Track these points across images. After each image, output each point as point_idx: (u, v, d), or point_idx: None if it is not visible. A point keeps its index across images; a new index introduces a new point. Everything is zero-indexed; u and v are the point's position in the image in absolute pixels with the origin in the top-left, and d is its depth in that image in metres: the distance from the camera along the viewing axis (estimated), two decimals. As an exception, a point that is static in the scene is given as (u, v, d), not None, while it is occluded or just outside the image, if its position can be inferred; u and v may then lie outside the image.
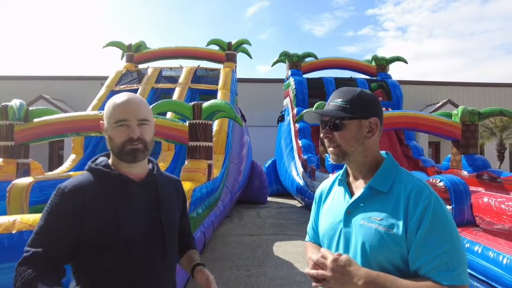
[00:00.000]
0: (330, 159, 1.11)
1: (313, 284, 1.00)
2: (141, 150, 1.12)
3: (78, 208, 1.05)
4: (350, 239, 1.05)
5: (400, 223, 0.96)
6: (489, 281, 3.57)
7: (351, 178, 1.15)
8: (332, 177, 1.27)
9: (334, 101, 1.09)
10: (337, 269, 0.94)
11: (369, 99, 1.08)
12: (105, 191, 1.10)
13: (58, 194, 1.08)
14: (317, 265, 0.98)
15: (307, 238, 1.37)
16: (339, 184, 1.18)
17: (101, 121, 1.18)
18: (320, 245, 1.25)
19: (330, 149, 1.10)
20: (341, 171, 1.20)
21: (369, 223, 1.01)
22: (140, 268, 1.10)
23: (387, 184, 1.04)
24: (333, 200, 1.18)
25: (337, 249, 1.09)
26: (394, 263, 0.97)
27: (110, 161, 1.19)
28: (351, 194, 1.12)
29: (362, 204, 1.05)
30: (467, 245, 3.90)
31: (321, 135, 1.11)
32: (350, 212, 1.07)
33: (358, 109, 1.06)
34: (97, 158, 1.21)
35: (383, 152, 1.14)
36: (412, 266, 0.95)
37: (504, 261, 3.34)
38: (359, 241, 1.01)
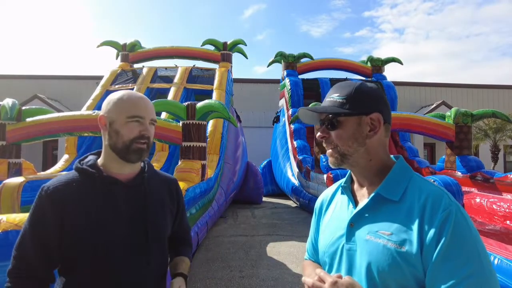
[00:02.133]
0: (329, 162, 0.96)
1: None
2: (145, 150, 1.10)
3: (58, 212, 1.01)
4: (354, 257, 0.88)
5: (414, 239, 0.79)
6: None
7: (356, 186, 0.99)
8: (335, 185, 1.10)
9: (331, 96, 0.95)
10: None
11: (370, 93, 0.92)
12: (88, 193, 1.05)
13: (41, 196, 1.04)
14: None
15: (306, 255, 1.18)
16: (342, 192, 1.01)
17: (101, 115, 1.10)
18: (320, 264, 1.06)
19: (328, 152, 0.95)
20: (344, 178, 1.04)
21: (376, 238, 0.84)
22: (120, 275, 1.04)
23: (399, 191, 0.87)
24: (334, 211, 1.01)
25: (338, 269, 0.92)
26: None
27: (99, 160, 1.13)
28: (356, 203, 0.95)
29: (367, 215, 0.89)
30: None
31: (316, 135, 0.98)
32: (354, 225, 0.90)
33: (357, 104, 0.90)
34: (86, 157, 1.16)
35: (393, 156, 0.97)
36: None
37: (495, 262, 3.35)
38: (365, 261, 0.85)
